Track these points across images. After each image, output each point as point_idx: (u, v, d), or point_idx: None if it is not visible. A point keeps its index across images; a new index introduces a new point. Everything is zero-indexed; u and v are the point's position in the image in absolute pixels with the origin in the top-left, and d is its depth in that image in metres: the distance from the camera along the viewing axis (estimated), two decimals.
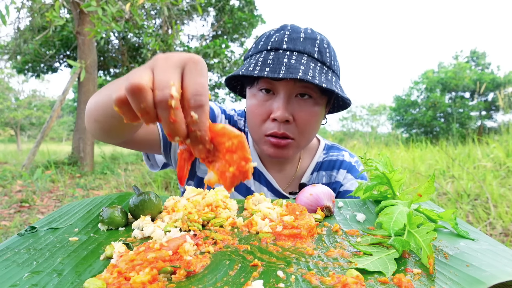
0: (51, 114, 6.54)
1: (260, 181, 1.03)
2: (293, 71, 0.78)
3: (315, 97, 0.86)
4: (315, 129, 0.92)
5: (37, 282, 0.39)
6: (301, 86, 0.84)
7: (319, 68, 0.84)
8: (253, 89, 0.90)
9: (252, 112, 0.90)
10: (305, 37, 0.86)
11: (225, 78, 0.95)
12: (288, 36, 0.86)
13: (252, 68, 0.83)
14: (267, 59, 0.84)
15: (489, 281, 0.37)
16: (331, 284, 0.38)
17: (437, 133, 18.30)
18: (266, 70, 0.80)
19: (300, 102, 0.86)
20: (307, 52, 0.84)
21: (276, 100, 0.85)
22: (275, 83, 0.84)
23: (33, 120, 24.92)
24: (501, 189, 2.92)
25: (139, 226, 0.57)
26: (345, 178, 1.07)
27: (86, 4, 3.29)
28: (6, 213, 3.58)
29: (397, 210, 0.54)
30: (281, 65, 0.81)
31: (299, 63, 0.81)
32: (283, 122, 0.85)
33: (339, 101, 0.99)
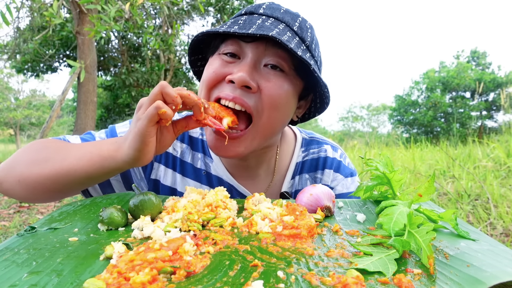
0: (51, 114, 6.53)
1: (232, 196, 0.88)
2: (265, 29, 0.66)
3: (288, 73, 0.72)
4: (282, 113, 0.73)
5: (37, 282, 0.39)
6: (273, 53, 0.70)
7: (297, 41, 0.70)
8: (215, 54, 0.75)
9: (205, 74, 0.73)
10: (286, 11, 0.75)
11: (189, 49, 0.81)
12: (267, 5, 0.76)
13: (218, 28, 0.71)
14: (238, 20, 0.72)
15: (489, 281, 0.37)
16: (331, 284, 0.38)
17: (438, 133, 18.31)
18: (234, 28, 0.69)
19: (269, 72, 0.71)
20: (285, 22, 0.72)
21: (240, 63, 0.71)
22: (243, 46, 0.71)
23: (32, 120, 24.93)
24: (502, 189, 2.92)
25: (139, 226, 0.57)
26: (334, 179, 0.93)
27: (84, 0, 3.28)
28: (5, 213, 3.58)
29: (397, 211, 0.53)
30: (253, 24, 0.69)
31: (274, 26, 0.69)
32: (241, 87, 0.68)
33: (317, 102, 0.85)
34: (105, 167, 0.66)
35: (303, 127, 21.80)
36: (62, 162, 0.68)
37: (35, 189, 0.69)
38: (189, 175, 0.90)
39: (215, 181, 0.89)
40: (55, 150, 0.72)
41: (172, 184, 0.89)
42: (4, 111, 22.77)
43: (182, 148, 0.91)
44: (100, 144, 0.69)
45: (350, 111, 34.88)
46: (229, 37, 0.73)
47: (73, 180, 0.67)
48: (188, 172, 0.90)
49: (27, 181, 0.69)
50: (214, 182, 0.89)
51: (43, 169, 0.68)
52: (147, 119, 0.58)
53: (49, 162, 0.69)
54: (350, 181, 0.96)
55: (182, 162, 0.90)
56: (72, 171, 0.67)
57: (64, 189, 0.70)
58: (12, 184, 0.70)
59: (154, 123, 0.59)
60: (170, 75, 11.98)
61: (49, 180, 0.68)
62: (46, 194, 0.71)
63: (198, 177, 0.90)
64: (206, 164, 0.90)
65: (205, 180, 0.90)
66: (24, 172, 0.69)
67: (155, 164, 0.89)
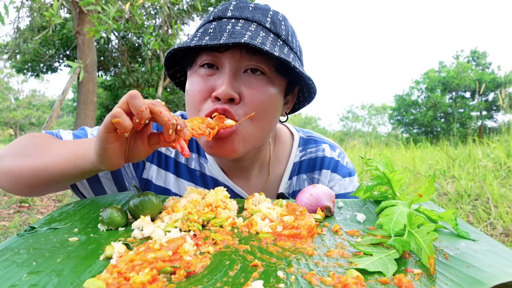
0: (51, 114, 6.53)
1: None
2: (237, 36, 0.65)
3: (269, 75, 0.71)
4: (269, 115, 0.73)
5: (37, 283, 0.39)
6: (250, 58, 0.69)
7: (272, 39, 0.69)
8: (193, 68, 0.75)
9: (189, 93, 0.73)
10: (255, 7, 0.72)
11: (164, 63, 0.80)
12: (235, 5, 0.73)
13: (189, 40, 0.70)
14: (207, 29, 0.70)
15: (489, 281, 0.37)
16: (331, 285, 0.38)
17: (438, 133, 18.32)
18: (205, 39, 0.67)
19: (250, 78, 0.70)
20: (257, 21, 0.70)
21: (219, 75, 0.70)
22: (219, 56, 0.69)
23: (32, 120, 24.93)
24: (502, 189, 2.92)
25: (139, 226, 0.57)
26: (331, 180, 0.92)
27: (84, 2, 3.28)
28: (5, 213, 3.58)
29: (397, 211, 0.53)
30: (224, 32, 0.67)
31: (245, 29, 0.67)
32: (226, 101, 0.68)
33: (304, 92, 0.83)
34: (77, 165, 0.65)
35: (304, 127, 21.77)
36: (42, 157, 0.69)
37: (17, 182, 0.71)
38: (184, 176, 0.88)
39: (210, 182, 0.88)
40: (39, 145, 0.73)
41: (165, 185, 0.87)
42: (4, 111, 22.77)
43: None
44: (80, 143, 0.70)
45: (350, 111, 34.90)
46: (202, 49, 0.71)
47: (48, 176, 0.68)
48: (182, 173, 0.88)
49: (10, 173, 0.70)
50: (209, 183, 0.88)
51: (25, 163, 0.70)
52: (103, 125, 0.56)
53: (31, 157, 0.70)
54: (348, 181, 0.94)
55: (176, 162, 0.88)
56: (48, 167, 0.67)
57: (42, 184, 0.70)
58: (12, 187, 0.73)
59: (110, 130, 0.56)
60: None
61: (28, 174, 0.69)
62: (27, 188, 0.71)
63: (193, 178, 0.88)
64: (200, 165, 0.88)
65: (200, 181, 0.88)
66: (8, 164, 0.71)
67: (147, 164, 0.87)
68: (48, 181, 0.69)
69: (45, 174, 0.68)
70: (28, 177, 0.69)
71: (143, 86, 11.55)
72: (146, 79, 11.37)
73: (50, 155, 0.69)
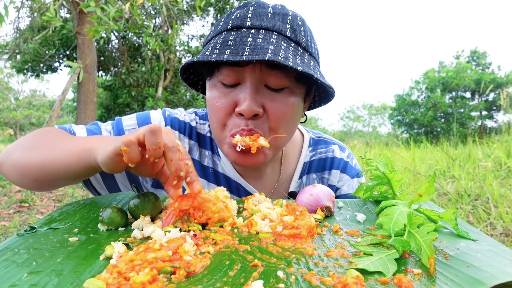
0: (51, 114, 6.53)
1: (239, 195, 0.88)
2: (260, 52, 0.63)
3: (290, 86, 0.71)
4: (292, 124, 0.75)
5: (37, 283, 0.39)
6: (271, 73, 0.68)
7: (293, 48, 0.68)
8: (213, 79, 0.73)
9: (212, 106, 0.73)
10: (274, 12, 0.70)
11: (180, 70, 0.78)
12: (253, 11, 0.70)
13: (209, 52, 0.68)
14: (227, 40, 0.68)
15: (489, 281, 0.37)
16: (331, 284, 0.38)
17: (438, 133, 18.31)
18: (226, 53, 0.65)
19: (272, 92, 0.70)
20: (277, 30, 0.68)
21: (241, 89, 0.69)
22: (240, 71, 0.68)
23: (32, 120, 24.92)
24: (502, 189, 2.92)
25: (139, 226, 0.57)
26: (340, 180, 0.93)
27: (85, 4, 3.29)
28: (5, 213, 3.58)
29: (397, 211, 0.53)
30: (245, 45, 0.65)
31: (267, 42, 0.65)
32: (251, 117, 0.69)
33: (320, 92, 0.83)
34: (82, 160, 0.64)
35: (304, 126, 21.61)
36: (50, 151, 0.68)
37: (24, 175, 0.70)
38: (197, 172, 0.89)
39: (223, 179, 0.88)
40: (49, 139, 0.72)
41: None
42: (4, 111, 22.77)
43: (190, 144, 0.88)
44: (90, 139, 0.69)
45: (351, 110, 34.89)
46: (223, 63, 0.70)
47: (53, 169, 0.67)
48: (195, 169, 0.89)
49: (19, 166, 0.70)
50: (221, 180, 0.88)
51: (32, 156, 0.69)
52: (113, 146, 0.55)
53: (39, 150, 0.69)
54: (356, 182, 0.96)
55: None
56: (54, 161, 0.66)
57: (48, 178, 0.69)
58: (8, 167, 0.72)
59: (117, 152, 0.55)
60: (170, 75, 11.98)
61: (35, 167, 0.68)
62: (34, 182, 0.71)
63: (206, 175, 0.89)
64: (213, 162, 0.89)
65: (212, 178, 0.88)
66: (17, 157, 0.71)
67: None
68: (53, 175, 0.68)
69: (51, 168, 0.67)
70: (34, 170, 0.68)
71: (143, 86, 11.55)
72: (146, 79, 11.36)
73: (57, 149, 0.68)
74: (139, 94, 11.37)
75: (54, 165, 0.66)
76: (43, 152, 0.69)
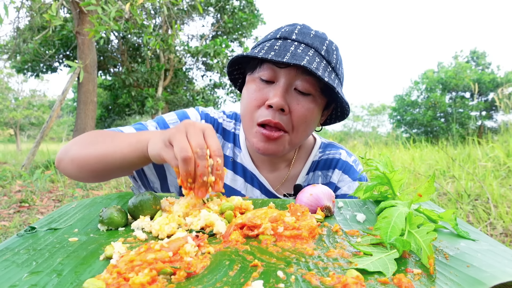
0: (51, 114, 6.53)
1: (253, 184, 1.00)
2: (298, 58, 0.77)
3: (314, 94, 0.84)
4: (309, 127, 0.88)
5: (37, 283, 0.39)
6: (303, 78, 0.82)
7: (324, 65, 0.82)
8: (253, 75, 0.87)
9: (247, 97, 0.87)
10: (315, 35, 0.85)
11: (228, 63, 0.92)
12: (299, 30, 0.85)
13: (257, 51, 0.83)
14: (274, 45, 0.83)
15: (489, 281, 0.37)
16: (331, 284, 0.38)
17: (437, 133, 18.31)
18: (271, 54, 0.79)
19: (298, 96, 0.83)
20: (315, 47, 0.83)
21: (274, 87, 0.83)
22: (277, 71, 0.82)
23: (32, 120, 24.91)
24: (502, 189, 2.92)
25: (139, 226, 0.57)
26: (341, 180, 1.02)
27: (85, 3, 3.29)
28: (5, 213, 3.58)
29: (395, 213, 0.53)
30: (287, 51, 0.79)
31: (305, 53, 0.80)
32: (278, 110, 0.82)
33: (337, 110, 0.97)
34: (137, 150, 0.72)
35: None
36: (108, 144, 0.77)
37: (82, 168, 0.79)
38: None
39: (240, 168, 1.01)
40: (105, 136, 0.82)
41: None
42: (4, 111, 22.75)
43: None
44: (144, 131, 0.78)
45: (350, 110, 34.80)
46: (265, 61, 0.83)
47: (110, 161, 0.76)
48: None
49: (77, 160, 0.79)
50: (238, 170, 1.01)
51: (90, 151, 0.78)
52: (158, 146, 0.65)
53: (97, 145, 0.79)
54: (357, 184, 1.01)
55: None
56: (111, 152, 0.75)
57: (105, 169, 0.78)
58: (67, 163, 0.81)
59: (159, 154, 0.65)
60: (170, 75, 11.97)
61: (93, 160, 0.77)
62: (91, 173, 0.80)
63: (225, 163, 1.00)
64: (234, 153, 1.02)
65: (230, 166, 1.01)
66: (76, 152, 0.80)
67: None
68: (110, 166, 0.77)
69: (108, 159, 0.75)
70: (92, 163, 0.77)
71: (143, 86, 11.54)
72: (146, 79, 11.35)
73: (114, 143, 0.77)
74: (139, 94, 11.36)
75: (111, 156, 0.75)
76: (101, 146, 0.78)
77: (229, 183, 1.00)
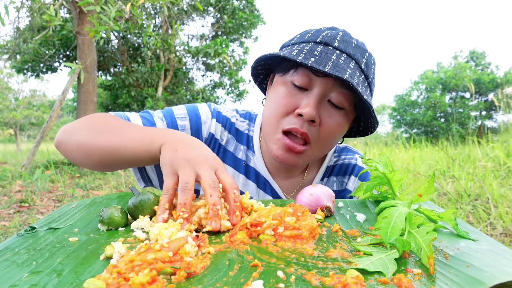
0: (51, 114, 6.53)
1: (265, 190, 0.96)
2: (340, 70, 0.72)
3: (347, 109, 0.80)
4: (335, 142, 0.85)
5: (37, 283, 0.39)
6: (338, 91, 0.77)
7: (362, 79, 0.78)
8: (285, 77, 0.81)
9: (275, 101, 0.81)
10: (357, 45, 0.81)
11: (257, 59, 0.85)
12: (341, 36, 0.80)
13: (295, 53, 0.76)
14: (314, 50, 0.76)
15: (489, 281, 0.37)
16: (331, 284, 0.38)
17: (437, 133, 18.30)
18: (311, 60, 0.73)
19: (331, 108, 0.78)
20: (356, 59, 0.78)
21: (307, 95, 0.77)
22: (314, 79, 0.77)
23: (32, 120, 24.90)
24: (502, 189, 2.92)
25: (139, 227, 0.57)
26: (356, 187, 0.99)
27: (83, 2, 3.28)
28: (5, 213, 3.58)
29: (395, 213, 0.53)
30: (329, 60, 0.74)
31: (346, 65, 0.75)
32: (308, 121, 0.77)
33: (359, 125, 0.93)
34: (150, 151, 0.70)
35: None
36: (118, 137, 0.74)
37: (90, 156, 0.76)
38: (229, 162, 0.96)
39: (252, 173, 0.96)
40: (115, 125, 0.79)
41: None
42: (4, 111, 22.73)
43: (227, 137, 0.97)
44: (156, 130, 0.75)
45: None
46: (302, 65, 0.77)
47: (121, 156, 0.73)
48: (228, 159, 0.96)
49: (84, 147, 0.76)
50: (251, 174, 0.96)
51: (100, 140, 0.75)
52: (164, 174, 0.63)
53: (107, 135, 0.75)
54: None
55: (225, 150, 0.97)
56: (123, 148, 0.73)
57: (114, 162, 0.76)
58: (71, 147, 0.78)
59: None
60: (170, 75, 11.97)
61: (103, 150, 0.74)
62: (99, 163, 0.77)
63: (237, 166, 0.97)
64: (247, 157, 0.97)
65: (243, 170, 0.97)
66: (83, 138, 0.77)
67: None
68: (119, 160, 0.75)
69: (119, 153, 0.73)
70: (102, 154, 0.75)
71: (143, 86, 11.54)
72: (146, 79, 11.35)
73: (126, 137, 0.74)
74: (139, 94, 11.35)
75: (122, 151, 0.73)
76: (112, 137, 0.74)
77: (240, 188, 0.97)
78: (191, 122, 0.92)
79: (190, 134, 0.92)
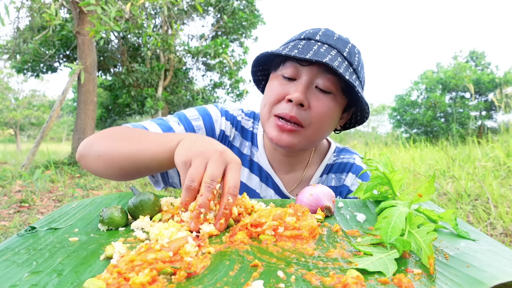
0: (51, 114, 6.53)
1: (267, 184, 1.02)
2: (320, 56, 0.79)
3: (335, 93, 0.85)
4: (327, 125, 0.89)
5: (37, 282, 0.39)
6: (324, 76, 0.84)
7: (346, 65, 0.83)
8: (276, 72, 0.89)
9: (268, 92, 0.89)
10: (339, 38, 0.87)
11: (253, 63, 0.94)
12: (323, 32, 0.88)
13: (281, 49, 0.85)
14: (297, 44, 0.85)
15: (489, 281, 0.37)
16: (331, 284, 0.38)
17: (437, 133, 18.30)
18: (294, 52, 0.82)
19: (319, 93, 0.85)
20: (337, 48, 0.85)
21: (296, 84, 0.85)
22: (300, 69, 0.84)
23: (32, 120, 24.90)
24: (502, 189, 2.92)
25: (139, 227, 0.57)
26: (354, 184, 1.04)
27: (84, 2, 3.28)
28: (5, 213, 3.58)
29: (395, 213, 0.53)
30: (310, 50, 0.82)
31: (327, 52, 0.82)
32: (297, 105, 0.83)
33: (357, 114, 0.98)
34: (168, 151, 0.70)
35: None
36: (137, 142, 0.76)
37: (110, 164, 0.77)
38: None
39: (256, 167, 1.03)
40: (132, 133, 0.82)
41: None
42: (4, 111, 22.73)
43: (234, 134, 1.05)
44: (174, 134, 0.76)
45: None
46: (288, 59, 0.86)
47: (140, 159, 0.74)
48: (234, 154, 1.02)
49: (105, 156, 0.78)
50: (255, 168, 1.03)
51: (120, 147, 0.77)
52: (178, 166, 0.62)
53: (126, 141, 0.78)
54: None
55: (231, 145, 1.04)
56: (142, 151, 0.74)
57: (134, 167, 0.76)
58: (93, 158, 0.80)
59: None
60: (170, 75, 11.97)
61: (122, 157, 0.75)
62: (119, 171, 0.78)
63: (243, 161, 1.02)
64: (251, 152, 1.04)
65: (247, 164, 1.03)
66: (103, 147, 0.78)
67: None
68: (139, 164, 0.75)
69: (137, 157, 0.74)
70: (122, 160, 0.76)
71: (142, 86, 11.53)
72: (146, 79, 11.34)
73: (144, 141, 0.76)
74: (139, 94, 11.35)
75: (141, 155, 0.74)
76: (131, 144, 0.76)
77: (245, 181, 1.02)
78: (204, 121, 0.98)
79: (205, 133, 0.98)
